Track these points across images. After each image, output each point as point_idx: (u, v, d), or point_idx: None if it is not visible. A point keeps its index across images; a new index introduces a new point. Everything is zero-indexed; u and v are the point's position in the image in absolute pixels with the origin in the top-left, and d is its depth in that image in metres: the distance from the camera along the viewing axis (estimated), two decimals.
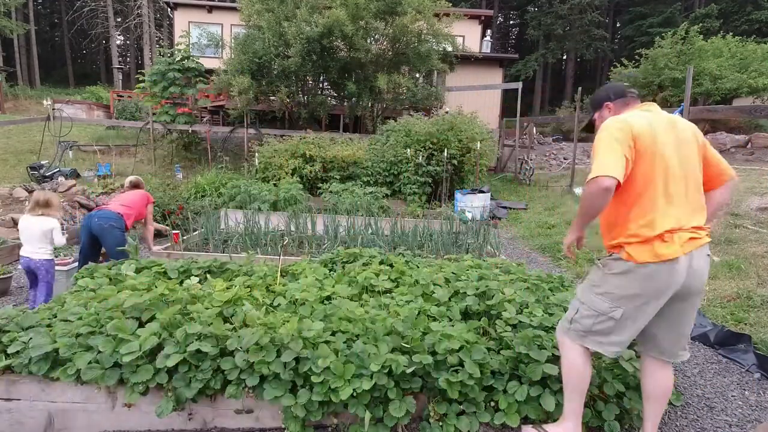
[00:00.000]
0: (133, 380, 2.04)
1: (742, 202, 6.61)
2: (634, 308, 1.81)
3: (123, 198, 4.39)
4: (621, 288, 1.83)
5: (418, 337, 2.23)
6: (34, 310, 2.53)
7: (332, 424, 2.16)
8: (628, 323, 1.84)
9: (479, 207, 8.10)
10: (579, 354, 1.95)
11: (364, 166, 9.25)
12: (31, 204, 3.69)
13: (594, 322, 1.89)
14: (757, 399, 2.60)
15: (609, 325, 1.86)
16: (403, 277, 3.19)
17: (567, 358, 1.99)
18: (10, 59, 28.96)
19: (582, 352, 1.95)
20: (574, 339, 1.96)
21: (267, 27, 11.01)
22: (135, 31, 30.26)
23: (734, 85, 15.10)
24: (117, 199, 4.42)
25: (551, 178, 12.20)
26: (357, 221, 5.69)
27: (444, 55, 12.60)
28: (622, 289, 1.82)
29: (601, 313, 1.87)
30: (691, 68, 6.35)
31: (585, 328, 1.92)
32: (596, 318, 1.88)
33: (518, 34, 38.50)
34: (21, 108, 21.14)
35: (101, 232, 3.97)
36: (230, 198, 7.33)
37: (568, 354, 1.99)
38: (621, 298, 1.82)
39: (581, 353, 1.95)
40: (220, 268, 3.41)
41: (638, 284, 1.78)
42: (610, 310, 1.84)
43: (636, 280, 1.78)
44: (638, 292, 1.79)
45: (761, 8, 24.53)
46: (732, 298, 3.84)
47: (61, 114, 12.59)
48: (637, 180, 1.79)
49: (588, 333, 1.92)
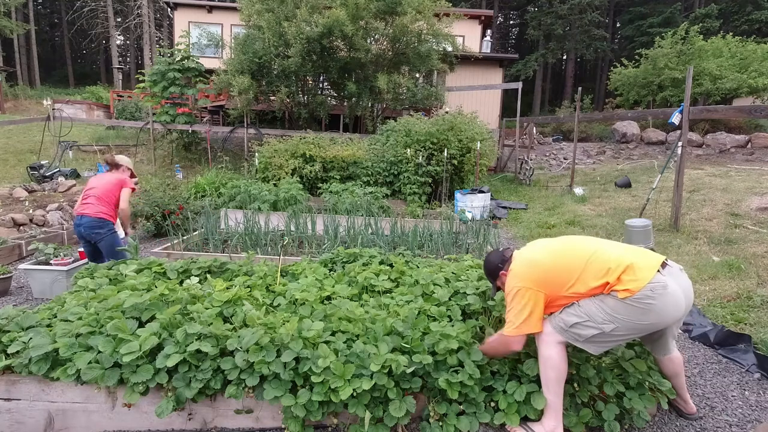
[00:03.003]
0: (133, 380, 2.04)
1: (742, 202, 6.61)
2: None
3: (97, 191, 4.03)
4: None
5: (418, 337, 2.23)
6: (34, 310, 2.54)
7: (332, 424, 2.15)
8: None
9: (479, 207, 8.10)
10: (554, 347, 2.06)
11: (364, 166, 9.25)
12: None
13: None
14: (757, 399, 2.60)
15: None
16: (403, 277, 3.19)
17: (542, 352, 2.07)
18: (10, 59, 28.95)
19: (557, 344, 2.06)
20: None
21: (267, 27, 11.00)
22: (135, 31, 30.28)
23: (734, 85, 15.10)
24: (91, 191, 4.05)
25: (551, 178, 12.20)
26: (357, 221, 5.69)
27: (444, 55, 12.60)
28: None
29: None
30: (691, 68, 6.34)
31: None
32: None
33: (518, 34, 38.50)
34: (21, 108, 21.13)
35: (92, 239, 3.93)
36: (230, 198, 7.33)
37: (543, 348, 2.07)
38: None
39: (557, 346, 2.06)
40: (220, 268, 3.41)
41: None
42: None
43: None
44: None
45: (761, 8, 24.51)
46: (732, 298, 3.83)
47: (61, 114, 12.59)
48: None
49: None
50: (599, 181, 10.77)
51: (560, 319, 2.06)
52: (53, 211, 6.86)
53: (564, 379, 2.06)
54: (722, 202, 6.82)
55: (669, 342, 2.23)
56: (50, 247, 4.17)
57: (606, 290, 1.97)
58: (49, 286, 4.04)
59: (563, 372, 2.04)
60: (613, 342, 2.06)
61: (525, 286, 2.07)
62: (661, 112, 9.00)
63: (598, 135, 17.52)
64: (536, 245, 2.25)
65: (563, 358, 2.05)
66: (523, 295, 2.06)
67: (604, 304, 1.97)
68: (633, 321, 1.94)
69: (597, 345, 2.03)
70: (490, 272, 2.37)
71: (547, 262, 2.11)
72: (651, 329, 2.03)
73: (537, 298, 2.05)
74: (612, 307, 1.95)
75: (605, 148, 15.62)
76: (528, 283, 2.07)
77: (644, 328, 2.00)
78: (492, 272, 2.35)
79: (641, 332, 2.04)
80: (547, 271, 2.08)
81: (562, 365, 2.04)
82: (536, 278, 2.08)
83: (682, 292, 1.99)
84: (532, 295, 2.05)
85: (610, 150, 15.39)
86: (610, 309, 1.95)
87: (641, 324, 1.95)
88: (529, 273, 2.10)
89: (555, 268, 2.07)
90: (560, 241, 2.24)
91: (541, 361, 2.08)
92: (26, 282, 4.40)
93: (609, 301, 1.96)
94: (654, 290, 1.90)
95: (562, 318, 2.05)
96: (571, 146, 12.64)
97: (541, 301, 2.06)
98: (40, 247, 4.14)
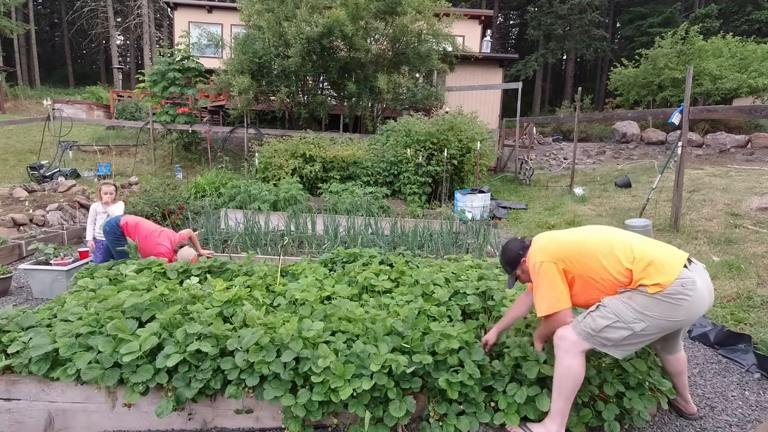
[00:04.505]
0: (133, 380, 2.04)
1: (742, 202, 6.61)
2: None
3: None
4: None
5: (418, 337, 2.23)
6: (34, 310, 2.53)
7: (332, 424, 2.15)
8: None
9: (479, 207, 8.10)
10: (577, 357, 1.99)
11: (364, 166, 9.25)
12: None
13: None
14: (757, 399, 2.60)
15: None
16: (403, 277, 3.19)
17: (564, 362, 1.99)
18: (10, 59, 28.94)
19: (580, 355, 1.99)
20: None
21: (267, 27, 11.00)
22: (135, 31, 30.27)
23: (734, 85, 15.10)
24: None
25: (551, 178, 12.20)
26: (357, 221, 5.69)
27: (444, 55, 12.60)
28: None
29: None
30: (691, 68, 6.34)
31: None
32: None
33: (518, 34, 38.48)
34: (21, 108, 21.13)
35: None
36: (230, 198, 7.33)
37: (565, 358, 1.99)
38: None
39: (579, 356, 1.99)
40: (220, 268, 3.41)
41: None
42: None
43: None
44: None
45: (761, 8, 24.49)
46: (732, 298, 3.83)
47: (61, 114, 12.58)
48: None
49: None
50: (599, 181, 10.76)
51: (586, 324, 1.97)
52: (53, 211, 6.85)
53: (578, 388, 2.01)
54: (722, 202, 6.82)
55: (680, 340, 2.23)
56: (50, 247, 4.17)
57: (633, 285, 1.91)
58: (49, 286, 4.04)
59: (580, 382, 1.98)
60: (641, 343, 1.98)
61: (551, 260, 2.03)
62: (661, 112, 8.99)
63: (598, 135, 17.52)
64: (558, 231, 2.23)
65: (583, 368, 1.98)
66: (548, 270, 2.03)
67: (632, 301, 1.90)
68: (664, 317, 1.88)
69: (623, 348, 1.96)
70: (510, 260, 2.28)
71: (570, 240, 2.10)
72: (678, 327, 1.98)
73: (563, 273, 2.03)
74: (642, 304, 1.88)
75: (605, 148, 15.62)
76: (553, 257, 2.04)
77: (672, 326, 1.94)
78: (512, 260, 2.27)
79: (668, 330, 1.97)
80: (570, 248, 2.05)
81: (581, 375, 1.97)
82: (560, 252, 2.05)
83: (707, 290, 1.95)
84: (559, 271, 2.02)
85: (610, 150, 15.39)
86: (640, 306, 1.88)
87: (671, 321, 1.89)
88: (553, 248, 2.08)
89: (579, 246, 2.04)
90: (584, 228, 2.22)
91: (560, 369, 1.99)
92: (26, 282, 4.40)
93: (638, 298, 1.90)
94: (685, 285, 1.86)
95: (589, 324, 1.96)
96: (571, 146, 12.64)
97: (569, 278, 2.03)
98: (40, 247, 4.14)
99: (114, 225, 4.06)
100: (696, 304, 1.89)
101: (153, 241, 3.88)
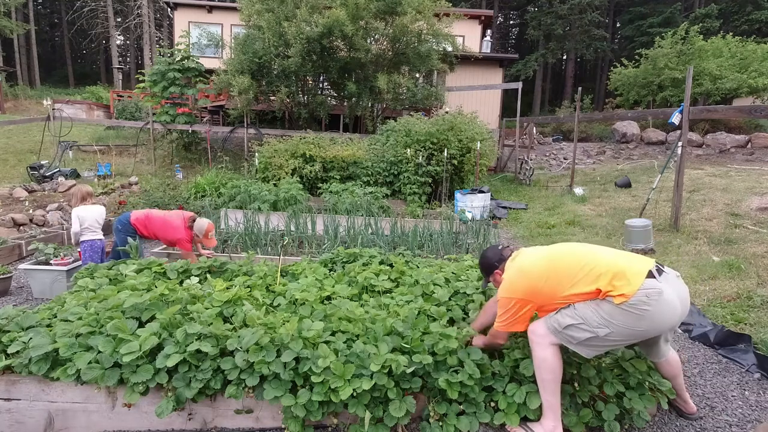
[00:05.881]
0: (133, 380, 2.04)
1: (742, 202, 6.61)
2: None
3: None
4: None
5: (418, 337, 2.23)
6: (34, 310, 2.53)
7: (332, 424, 2.15)
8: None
9: (479, 207, 8.10)
10: (548, 348, 2.07)
11: (364, 166, 9.25)
12: (79, 197, 4.23)
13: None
14: (757, 399, 2.60)
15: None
16: (403, 277, 3.19)
17: (536, 353, 2.08)
18: (10, 59, 28.94)
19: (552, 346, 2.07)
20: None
21: (267, 27, 11.00)
22: (135, 31, 30.28)
23: (734, 85, 15.10)
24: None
25: (551, 178, 12.20)
26: (357, 221, 5.70)
27: (444, 55, 12.59)
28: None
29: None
30: (691, 68, 6.34)
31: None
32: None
33: (518, 34, 38.49)
34: (21, 108, 21.13)
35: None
36: (230, 198, 7.33)
37: (537, 349, 2.07)
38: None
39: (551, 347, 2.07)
40: (220, 268, 3.41)
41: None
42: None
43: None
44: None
45: (761, 8, 24.49)
46: (732, 298, 3.83)
47: (61, 114, 12.58)
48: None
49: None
50: (599, 181, 10.76)
51: (555, 320, 2.06)
52: (53, 211, 6.85)
53: (560, 379, 2.06)
54: (722, 202, 6.82)
55: (662, 347, 2.22)
56: (50, 247, 4.17)
57: (600, 296, 1.98)
58: (49, 286, 4.04)
59: (559, 373, 2.04)
60: (607, 346, 2.07)
61: (515, 297, 2.11)
62: (661, 112, 8.99)
63: (598, 135, 17.52)
64: (530, 256, 2.24)
65: (558, 359, 2.05)
66: (513, 304, 2.11)
67: (600, 308, 1.97)
68: (628, 327, 1.94)
69: (590, 348, 2.03)
70: (485, 268, 2.42)
71: (539, 274, 2.12)
72: (645, 335, 2.03)
73: (524, 306, 2.11)
74: (608, 312, 1.95)
75: (605, 148, 15.62)
76: (518, 294, 2.12)
77: (639, 335, 2.00)
78: (487, 269, 2.41)
79: (636, 338, 2.04)
80: (537, 281, 2.11)
81: (557, 366, 2.04)
82: (526, 289, 2.11)
83: (678, 299, 1.99)
84: (521, 305, 2.11)
85: (610, 150, 15.39)
86: (606, 314, 1.95)
87: (636, 330, 1.96)
88: (520, 284, 2.14)
89: (547, 279, 2.09)
90: (553, 251, 2.23)
91: (536, 362, 2.08)
92: (26, 282, 4.40)
93: (605, 306, 1.96)
94: (650, 296, 1.90)
95: (557, 319, 2.05)
96: (571, 146, 12.64)
97: (529, 309, 2.12)
98: (40, 247, 4.14)
99: (126, 223, 4.07)
100: (661, 314, 1.93)
101: (171, 227, 4.06)
